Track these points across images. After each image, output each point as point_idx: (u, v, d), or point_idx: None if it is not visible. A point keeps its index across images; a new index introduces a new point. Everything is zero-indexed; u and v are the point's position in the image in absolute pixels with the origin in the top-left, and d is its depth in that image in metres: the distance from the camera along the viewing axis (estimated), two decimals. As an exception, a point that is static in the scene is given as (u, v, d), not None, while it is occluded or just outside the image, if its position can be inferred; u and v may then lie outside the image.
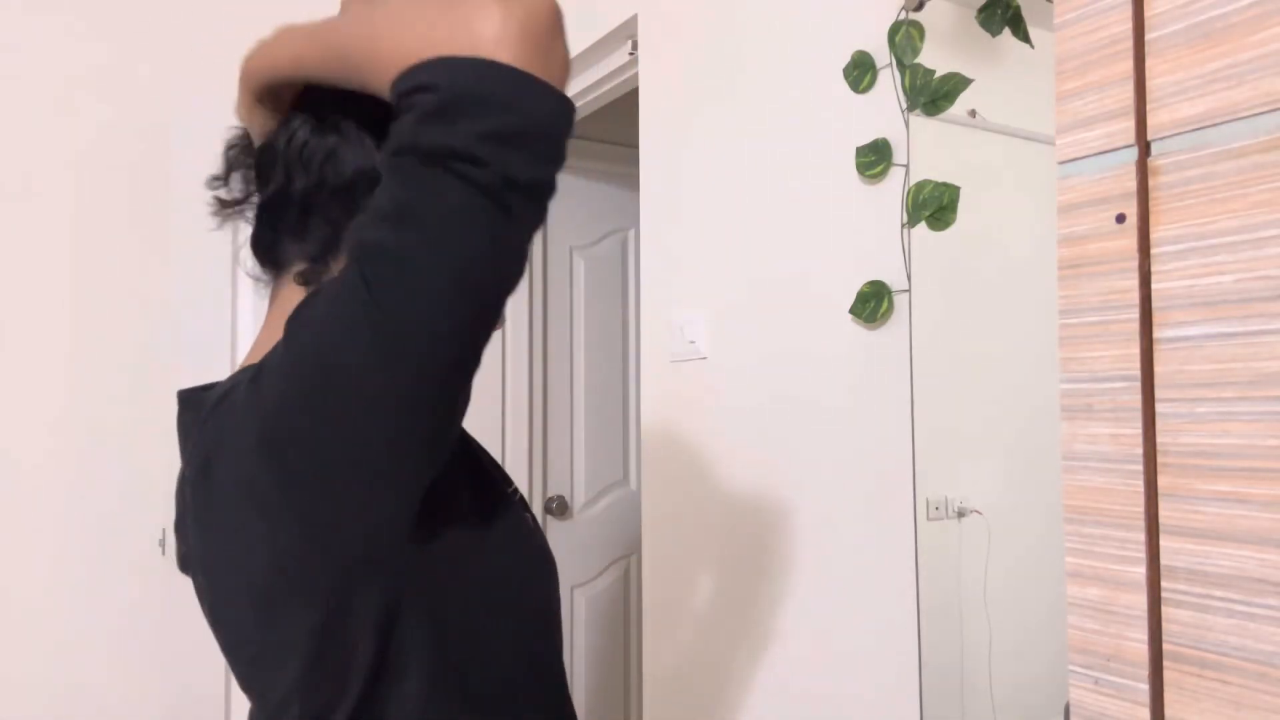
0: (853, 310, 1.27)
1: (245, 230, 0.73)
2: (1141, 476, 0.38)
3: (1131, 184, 0.39)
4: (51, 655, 1.87)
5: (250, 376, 0.61)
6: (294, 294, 0.69)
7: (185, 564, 0.75)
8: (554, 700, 0.74)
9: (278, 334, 0.68)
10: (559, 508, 2.59)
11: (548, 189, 0.56)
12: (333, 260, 0.68)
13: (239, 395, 0.61)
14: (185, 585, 0.72)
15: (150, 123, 2.01)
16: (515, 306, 2.50)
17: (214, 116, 0.71)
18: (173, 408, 0.76)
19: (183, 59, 2.02)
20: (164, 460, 2.05)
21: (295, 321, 0.58)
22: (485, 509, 0.69)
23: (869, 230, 1.26)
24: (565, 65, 0.57)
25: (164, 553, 1.94)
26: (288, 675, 0.63)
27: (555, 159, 0.55)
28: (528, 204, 0.55)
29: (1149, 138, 0.38)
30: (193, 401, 0.74)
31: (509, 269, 0.56)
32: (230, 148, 0.74)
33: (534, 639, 0.72)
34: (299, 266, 0.69)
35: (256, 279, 0.73)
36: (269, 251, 0.71)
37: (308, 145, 0.67)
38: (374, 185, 0.62)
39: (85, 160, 1.96)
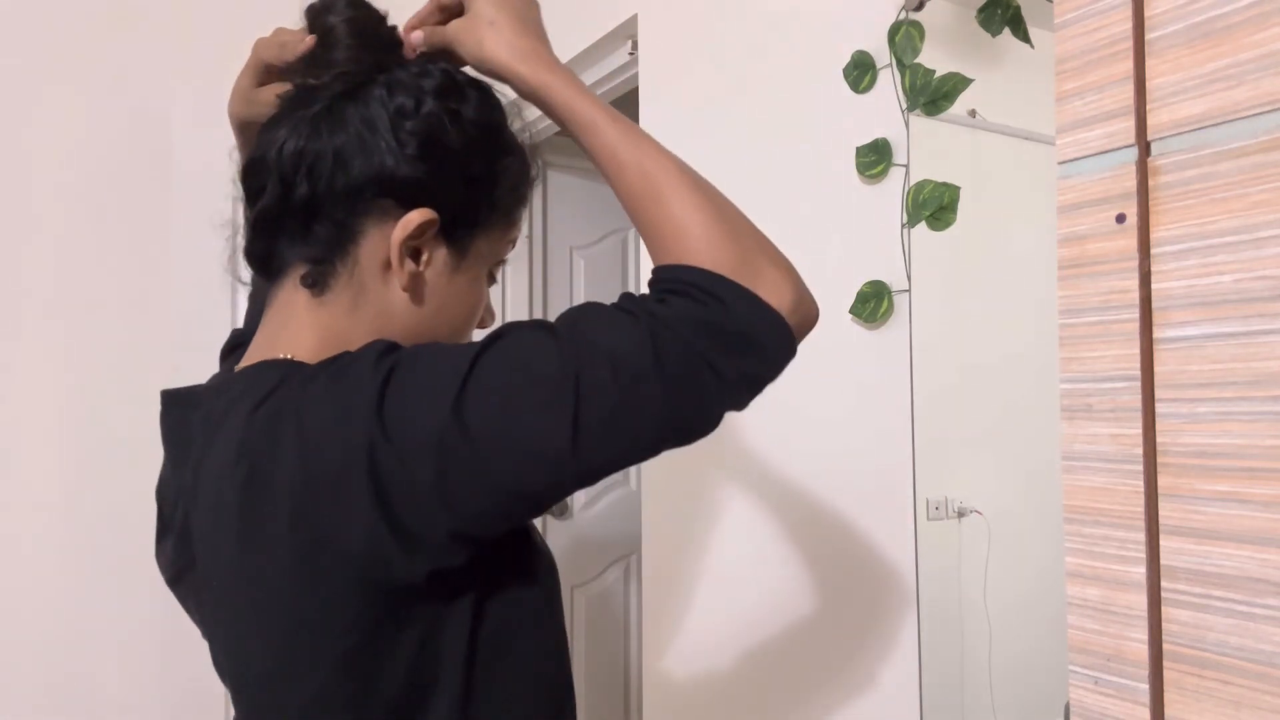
0: (853, 310, 1.27)
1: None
2: (1141, 476, 0.38)
3: (1131, 184, 0.39)
4: (52, 655, 1.87)
5: (350, 390, 0.59)
6: (297, 296, 0.69)
7: (181, 575, 0.73)
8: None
9: (281, 337, 0.69)
10: (559, 508, 2.59)
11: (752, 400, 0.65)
12: (339, 261, 0.68)
13: (317, 398, 0.60)
14: (185, 585, 0.71)
15: (151, 121, 2.01)
16: (515, 307, 2.50)
17: (215, 112, 0.71)
18: None
19: (184, 55, 2.02)
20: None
21: (477, 383, 0.58)
22: (521, 541, 0.69)
23: (869, 230, 1.26)
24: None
25: (164, 553, 1.93)
26: (305, 695, 0.62)
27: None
28: (740, 405, 0.65)
29: (1149, 138, 0.38)
30: (184, 399, 0.74)
31: (701, 433, 0.64)
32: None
33: (555, 660, 0.72)
34: (301, 270, 0.69)
35: (247, 284, 0.74)
36: (265, 260, 0.71)
37: (304, 152, 0.66)
38: (385, 188, 0.66)
39: (86, 159, 1.96)
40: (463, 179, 0.69)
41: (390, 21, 0.73)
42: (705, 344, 0.60)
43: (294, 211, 0.67)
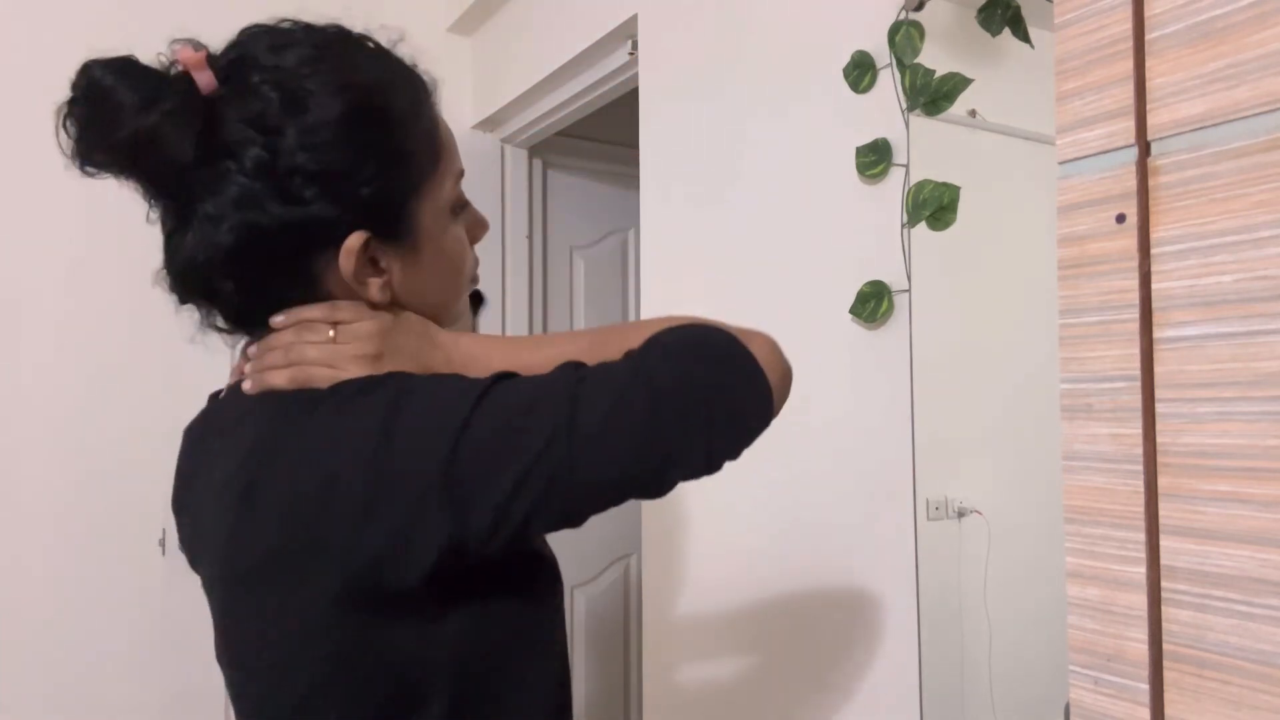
0: (853, 310, 1.27)
1: None
2: (1141, 476, 0.38)
3: (1131, 184, 0.39)
4: (51, 655, 1.87)
5: (361, 411, 0.60)
6: None
7: (194, 561, 0.74)
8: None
9: None
10: (559, 508, 2.58)
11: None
12: (319, 300, 0.67)
13: (321, 421, 0.61)
14: (185, 585, 0.72)
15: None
16: (515, 306, 2.50)
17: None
18: (174, 408, 0.76)
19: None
20: (164, 460, 2.04)
21: (483, 409, 0.60)
22: (526, 556, 0.70)
23: (869, 230, 1.26)
24: None
25: (164, 553, 1.93)
26: (299, 690, 0.63)
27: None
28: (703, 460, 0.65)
29: (1149, 138, 0.38)
30: (198, 428, 0.75)
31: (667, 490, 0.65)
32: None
33: (553, 678, 0.73)
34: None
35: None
36: (262, 322, 0.69)
37: (206, 264, 0.63)
38: (308, 241, 0.63)
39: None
40: (364, 183, 0.63)
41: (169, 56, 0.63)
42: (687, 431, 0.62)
43: (248, 298, 0.66)
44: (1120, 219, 0.39)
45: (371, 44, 0.68)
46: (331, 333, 0.65)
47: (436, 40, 2.40)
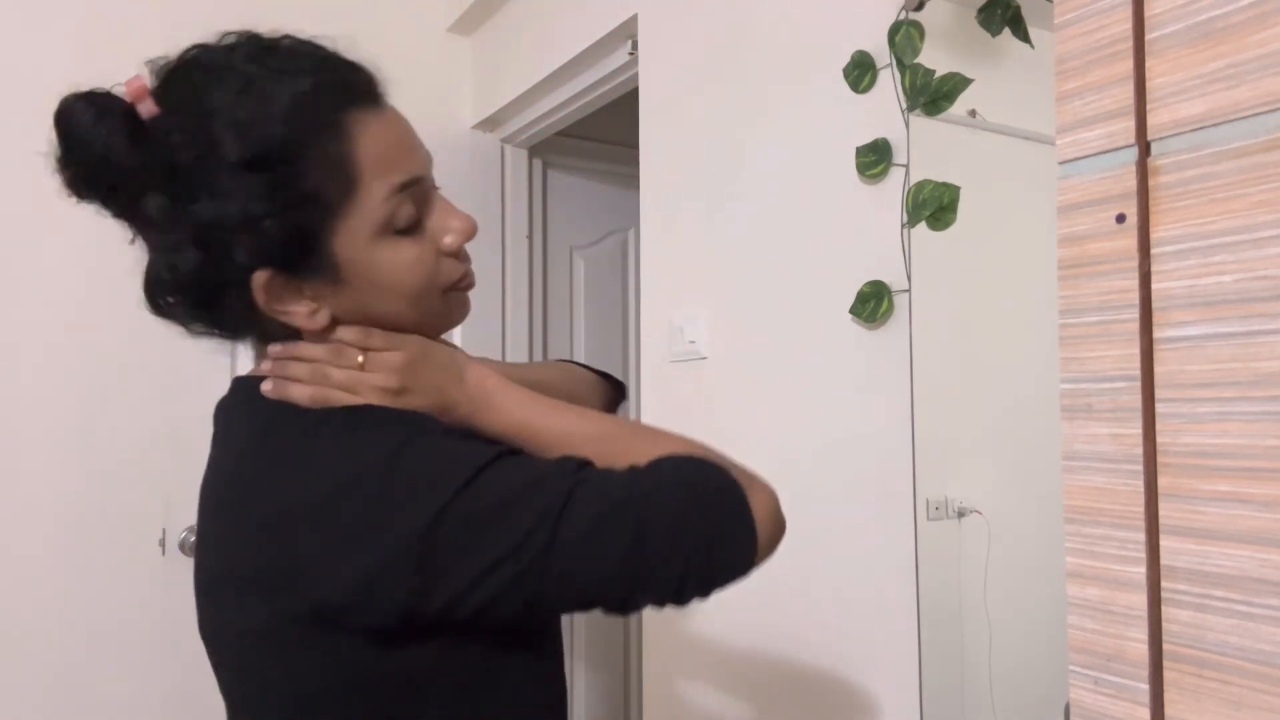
0: (853, 310, 1.27)
1: None
2: (1141, 476, 0.38)
3: (1131, 184, 0.39)
4: (51, 655, 1.87)
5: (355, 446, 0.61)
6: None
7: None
8: None
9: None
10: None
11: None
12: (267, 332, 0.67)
13: (323, 445, 0.62)
14: (185, 585, 0.72)
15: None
16: (515, 306, 2.50)
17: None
18: (174, 409, 0.76)
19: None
20: (164, 460, 2.05)
21: (484, 479, 0.60)
22: None
23: (869, 230, 1.26)
24: None
25: (164, 553, 1.94)
26: (287, 696, 0.64)
27: None
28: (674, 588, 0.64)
29: (1149, 138, 0.38)
30: (223, 404, 0.74)
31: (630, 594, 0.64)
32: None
33: (550, 685, 0.73)
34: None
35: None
36: (219, 332, 0.70)
37: (160, 288, 0.64)
38: (222, 280, 0.62)
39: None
40: (264, 223, 0.60)
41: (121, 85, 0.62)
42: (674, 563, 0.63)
43: (201, 321, 0.67)
44: (1120, 219, 0.39)
45: (301, 59, 0.63)
46: (360, 359, 0.65)
47: (436, 40, 2.40)
